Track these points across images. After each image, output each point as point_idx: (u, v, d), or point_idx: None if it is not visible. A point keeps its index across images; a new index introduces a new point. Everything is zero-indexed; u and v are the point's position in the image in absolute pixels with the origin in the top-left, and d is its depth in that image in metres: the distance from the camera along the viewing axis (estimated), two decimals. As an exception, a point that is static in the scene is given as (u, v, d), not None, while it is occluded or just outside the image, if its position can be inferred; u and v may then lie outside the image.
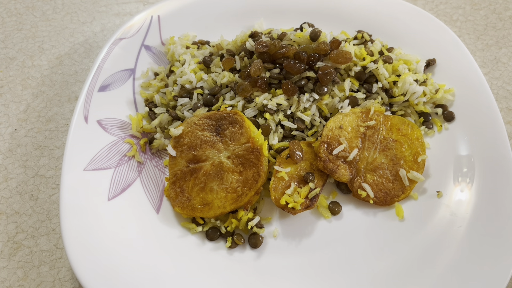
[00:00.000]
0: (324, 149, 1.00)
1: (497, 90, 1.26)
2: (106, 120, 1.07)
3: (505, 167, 0.97)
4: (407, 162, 1.02)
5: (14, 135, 1.15)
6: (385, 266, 0.91)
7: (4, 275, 0.94)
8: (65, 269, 0.95)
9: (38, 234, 0.99)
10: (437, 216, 0.97)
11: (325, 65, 1.05)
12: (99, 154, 1.01)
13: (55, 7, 1.47)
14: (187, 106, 1.09)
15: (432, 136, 1.10)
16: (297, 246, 0.95)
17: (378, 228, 0.97)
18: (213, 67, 1.14)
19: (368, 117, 1.04)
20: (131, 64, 1.19)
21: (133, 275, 0.86)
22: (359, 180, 1.00)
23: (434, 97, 1.12)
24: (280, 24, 1.32)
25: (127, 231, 0.92)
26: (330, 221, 0.99)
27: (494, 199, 0.94)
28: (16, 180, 1.07)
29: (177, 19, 1.29)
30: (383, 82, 1.09)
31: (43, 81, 1.27)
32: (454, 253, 0.90)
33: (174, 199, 0.98)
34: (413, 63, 1.15)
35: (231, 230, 0.95)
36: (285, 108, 1.05)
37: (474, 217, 0.93)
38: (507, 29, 1.41)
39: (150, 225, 0.95)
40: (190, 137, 1.02)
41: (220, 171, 0.97)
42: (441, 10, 1.47)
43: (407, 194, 1.01)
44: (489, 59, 1.33)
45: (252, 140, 0.98)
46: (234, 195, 0.95)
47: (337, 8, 1.34)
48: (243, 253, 0.94)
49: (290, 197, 0.94)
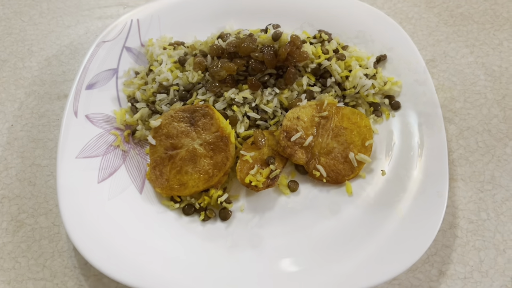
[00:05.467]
0: (283, 137, 1.25)
1: (443, 81, 1.51)
2: (94, 114, 1.31)
3: (439, 146, 1.21)
4: (356, 146, 1.27)
5: (11, 129, 1.39)
6: (335, 231, 1.15)
7: (10, 248, 1.18)
8: (62, 242, 1.19)
9: (38, 214, 1.24)
10: (381, 191, 1.22)
11: (290, 69, 1.30)
12: (88, 144, 1.25)
13: (41, 11, 1.71)
14: (164, 101, 1.33)
15: (381, 123, 1.35)
16: (260, 219, 1.20)
17: (330, 202, 1.22)
18: (188, 66, 1.38)
19: (322, 108, 1.29)
20: (114, 65, 1.42)
21: (121, 242, 1.10)
22: (314, 162, 1.25)
23: (383, 89, 1.37)
24: (250, 24, 1.54)
25: (115, 209, 1.16)
26: (289, 197, 1.24)
27: (428, 174, 1.19)
28: (15, 169, 1.31)
29: (155, 23, 1.51)
30: (336, 77, 1.35)
31: (34, 81, 1.51)
32: (394, 217, 1.15)
33: (154, 182, 1.22)
34: (364, 59, 1.41)
35: (204, 205, 1.20)
36: (250, 101, 1.30)
37: (410, 188, 1.19)
38: (457, 25, 1.66)
39: (135, 204, 1.20)
40: (167, 128, 1.26)
41: (194, 156, 1.22)
42: (398, 9, 1.73)
43: (356, 173, 1.26)
44: (438, 53, 1.59)
45: (221, 130, 1.22)
46: (206, 176, 1.19)
47: (302, 9, 1.57)
48: (214, 225, 1.19)
49: (253, 177, 1.19)
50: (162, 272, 1.07)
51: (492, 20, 1.67)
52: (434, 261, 1.17)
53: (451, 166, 1.32)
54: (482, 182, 1.29)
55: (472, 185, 1.29)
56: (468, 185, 1.29)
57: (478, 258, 1.17)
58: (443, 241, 1.19)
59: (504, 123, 1.40)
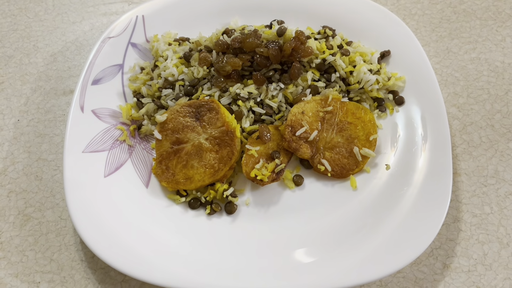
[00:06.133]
0: (288, 131, 1.26)
1: (447, 77, 1.52)
2: (100, 109, 1.32)
3: (443, 141, 1.23)
4: (360, 141, 1.28)
5: (18, 125, 1.40)
6: (339, 225, 1.17)
7: (17, 242, 1.19)
8: (69, 235, 1.20)
9: (44, 208, 1.25)
10: (385, 185, 1.23)
11: (294, 64, 1.31)
12: (94, 139, 1.26)
13: (46, 8, 1.72)
14: (170, 96, 1.35)
15: (385, 118, 1.36)
16: (265, 212, 1.21)
17: (335, 196, 1.23)
18: (193, 62, 1.39)
19: (327, 103, 1.30)
20: (119, 60, 1.43)
21: (127, 236, 1.11)
22: (318, 157, 1.26)
23: (387, 84, 1.38)
24: (254, 21, 1.55)
25: (121, 202, 1.18)
26: (294, 191, 1.25)
27: (432, 169, 1.20)
28: (22, 164, 1.33)
29: (160, 18, 1.52)
30: (340, 72, 1.36)
31: (40, 77, 1.52)
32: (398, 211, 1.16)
33: (160, 176, 1.23)
34: (368, 55, 1.42)
35: (210, 199, 1.21)
36: (255, 96, 1.31)
37: (415, 183, 1.20)
38: (460, 21, 1.67)
39: (141, 197, 1.21)
40: (173, 123, 1.27)
41: (200, 150, 1.23)
42: (401, 5, 1.74)
43: (360, 168, 1.27)
44: (441, 49, 1.60)
45: (226, 124, 1.23)
46: (211, 170, 1.21)
47: (306, 5, 1.58)
48: (220, 219, 1.20)
49: (258, 171, 1.20)
50: (168, 265, 1.08)
51: (494, 16, 1.67)
52: (438, 254, 1.18)
53: (455, 161, 1.33)
54: (486, 177, 1.30)
55: (475, 179, 1.30)
56: (472, 180, 1.30)
57: (482, 252, 1.18)
58: (447, 235, 1.20)
59: (507, 118, 1.41)
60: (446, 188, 1.15)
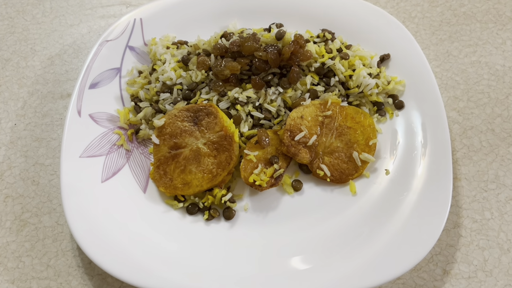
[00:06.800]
0: (287, 136, 1.25)
1: (447, 81, 1.51)
2: (97, 113, 1.31)
3: (443, 145, 1.22)
4: (360, 145, 1.27)
5: (14, 129, 1.39)
6: (338, 231, 1.16)
7: (13, 247, 1.18)
8: (66, 241, 1.19)
9: (41, 213, 1.24)
10: (385, 190, 1.22)
11: (293, 68, 1.30)
12: (92, 143, 1.25)
13: (44, 11, 1.71)
14: (168, 100, 1.34)
15: (385, 123, 1.36)
16: (264, 218, 1.20)
17: (334, 201, 1.23)
18: (191, 65, 1.38)
19: (326, 108, 1.29)
20: (117, 64, 1.42)
21: (125, 241, 1.10)
22: (317, 161, 1.25)
23: (386, 88, 1.37)
24: (253, 24, 1.54)
25: (119, 208, 1.17)
26: (293, 197, 1.24)
27: (432, 174, 1.19)
28: (19, 168, 1.32)
29: (158, 21, 1.51)
30: (339, 76, 1.35)
31: (37, 80, 1.51)
32: (398, 216, 1.15)
33: (158, 181, 1.22)
34: (368, 59, 1.41)
35: (208, 205, 1.20)
36: (254, 100, 1.30)
37: (415, 188, 1.19)
38: (460, 24, 1.67)
39: (139, 203, 1.20)
40: (171, 127, 1.26)
41: (198, 155, 1.22)
42: (401, 8, 1.73)
43: (360, 173, 1.26)
44: (441, 53, 1.59)
45: (225, 129, 1.22)
46: (210, 176, 1.20)
47: (305, 8, 1.58)
48: (218, 224, 1.19)
49: (257, 176, 1.19)
50: (166, 271, 1.07)
51: (495, 19, 1.67)
52: (438, 260, 1.17)
53: (455, 166, 1.32)
54: (486, 182, 1.29)
55: (476, 184, 1.29)
56: (472, 185, 1.29)
57: (482, 258, 1.17)
58: (447, 241, 1.20)
59: (508, 122, 1.40)
60: (446, 194, 1.14)
